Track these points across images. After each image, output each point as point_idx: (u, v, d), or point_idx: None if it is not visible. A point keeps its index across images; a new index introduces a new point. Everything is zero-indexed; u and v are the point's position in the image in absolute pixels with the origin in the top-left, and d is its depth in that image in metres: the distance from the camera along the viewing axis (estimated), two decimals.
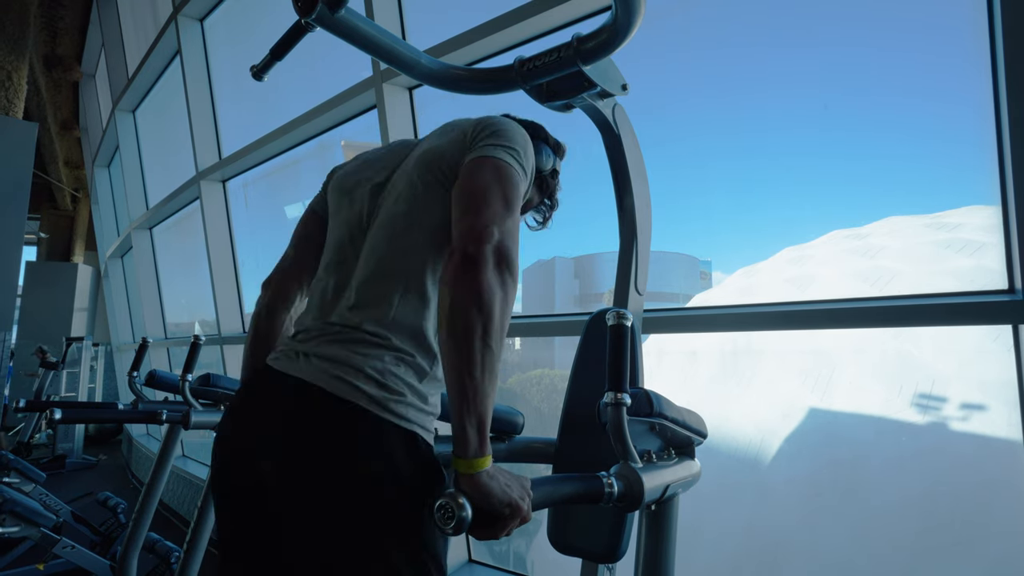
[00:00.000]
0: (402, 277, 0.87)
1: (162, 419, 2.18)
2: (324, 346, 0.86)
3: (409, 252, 0.88)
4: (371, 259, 0.90)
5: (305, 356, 0.86)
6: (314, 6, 0.92)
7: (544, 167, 1.16)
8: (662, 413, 0.93)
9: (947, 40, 1.93)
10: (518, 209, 0.84)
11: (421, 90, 2.73)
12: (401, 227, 0.90)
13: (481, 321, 0.72)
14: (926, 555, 1.98)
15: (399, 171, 0.98)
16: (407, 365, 0.84)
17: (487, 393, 0.72)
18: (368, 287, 0.88)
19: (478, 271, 0.73)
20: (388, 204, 0.94)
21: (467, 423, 0.71)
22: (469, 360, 0.72)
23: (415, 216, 0.90)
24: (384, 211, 0.94)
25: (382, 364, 0.82)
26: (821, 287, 2.65)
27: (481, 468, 0.70)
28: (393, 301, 0.86)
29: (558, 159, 1.22)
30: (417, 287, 0.87)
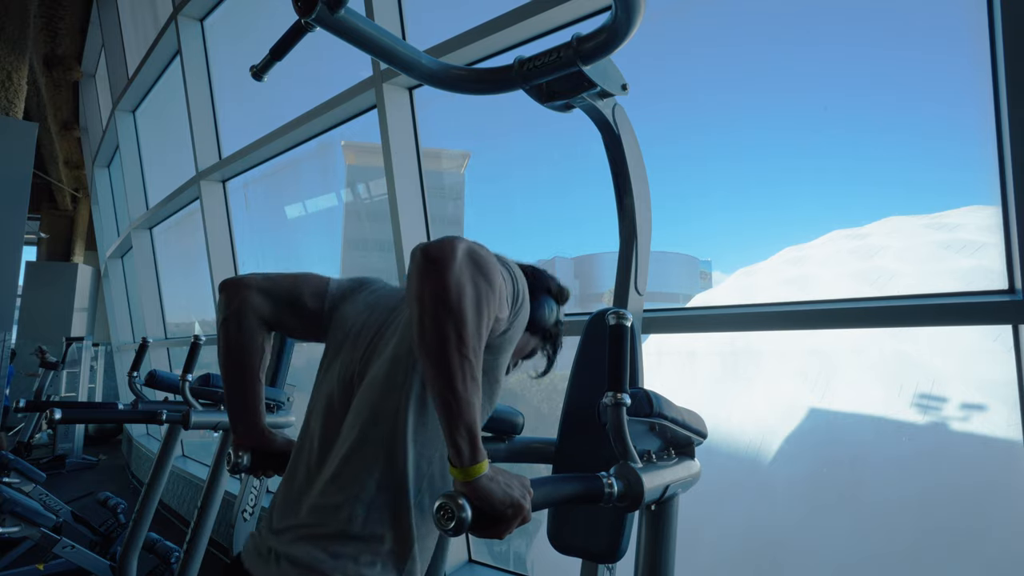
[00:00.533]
0: (383, 443, 0.84)
1: (162, 419, 2.18)
2: (298, 544, 0.82)
3: (392, 417, 0.85)
4: (355, 425, 0.87)
5: (276, 557, 0.83)
6: (314, 6, 0.92)
7: (548, 321, 1.12)
8: (662, 413, 0.93)
9: (947, 40, 1.94)
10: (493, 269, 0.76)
11: (421, 90, 2.73)
12: (383, 390, 0.87)
13: (453, 327, 0.68)
14: (925, 555, 1.98)
15: (393, 326, 0.95)
16: (383, 560, 0.82)
17: (472, 403, 0.70)
18: (349, 459, 0.85)
19: (443, 269, 0.68)
20: (376, 364, 0.91)
21: (457, 436, 0.70)
22: (448, 374, 0.69)
23: (398, 379, 0.86)
24: (371, 371, 0.91)
25: (355, 568, 0.80)
26: (821, 287, 2.66)
27: (479, 474, 0.69)
28: (374, 474, 0.83)
29: (560, 308, 1.17)
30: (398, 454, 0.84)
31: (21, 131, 4.97)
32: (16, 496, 2.81)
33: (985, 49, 1.45)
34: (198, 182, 4.27)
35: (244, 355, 0.99)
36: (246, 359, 1.00)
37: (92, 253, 10.81)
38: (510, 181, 3.57)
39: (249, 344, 0.99)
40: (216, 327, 1.01)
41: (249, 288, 0.98)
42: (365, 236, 4.35)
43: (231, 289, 0.99)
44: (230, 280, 1.00)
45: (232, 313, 0.98)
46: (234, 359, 0.99)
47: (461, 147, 3.58)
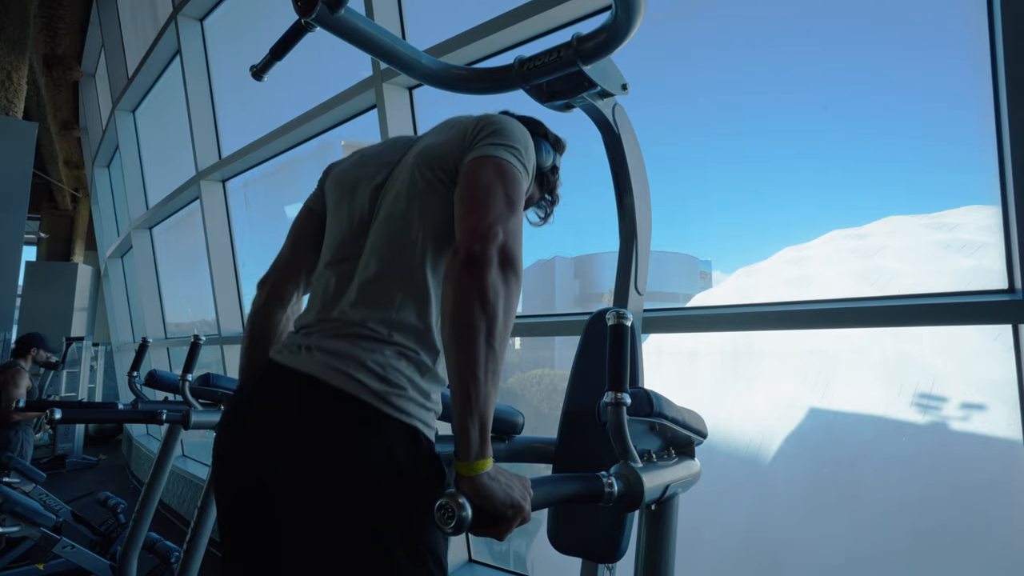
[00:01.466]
0: (403, 274, 0.87)
1: (162, 419, 2.18)
2: (326, 340, 0.86)
3: (410, 249, 0.88)
4: (372, 257, 0.90)
5: (307, 349, 0.86)
6: (314, 6, 0.92)
7: (544, 163, 1.15)
8: (662, 413, 0.93)
9: (947, 40, 1.94)
10: (521, 208, 0.84)
11: (421, 90, 2.73)
12: (401, 224, 0.90)
13: (485, 321, 0.72)
14: (925, 554, 1.98)
15: (399, 168, 0.97)
16: (409, 360, 0.84)
17: (489, 394, 0.72)
18: (370, 285, 0.88)
19: (482, 271, 0.73)
20: (388, 201, 0.94)
21: (469, 424, 0.71)
22: (473, 360, 0.71)
23: (415, 213, 0.90)
24: (385, 208, 0.93)
25: (384, 358, 0.82)
26: (821, 287, 2.65)
27: (482, 470, 0.70)
28: (395, 299, 0.86)
29: (558, 155, 1.21)
30: (419, 283, 0.87)
31: (21, 131, 4.98)
32: (16, 496, 2.81)
33: (985, 50, 1.45)
34: (198, 182, 4.27)
35: (264, 349, 1.02)
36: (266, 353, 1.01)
37: (92, 253, 10.81)
38: None
39: (270, 339, 1.04)
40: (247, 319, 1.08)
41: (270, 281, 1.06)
42: None
43: (260, 285, 1.08)
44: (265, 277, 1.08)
45: (259, 307, 1.05)
46: (257, 350, 1.03)
47: None
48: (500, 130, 0.90)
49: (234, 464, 0.87)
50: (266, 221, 4.71)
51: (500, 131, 0.89)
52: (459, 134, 0.92)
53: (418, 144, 0.99)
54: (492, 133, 0.89)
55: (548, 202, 1.27)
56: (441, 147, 0.93)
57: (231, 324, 4.22)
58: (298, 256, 1.07)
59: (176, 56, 4.65)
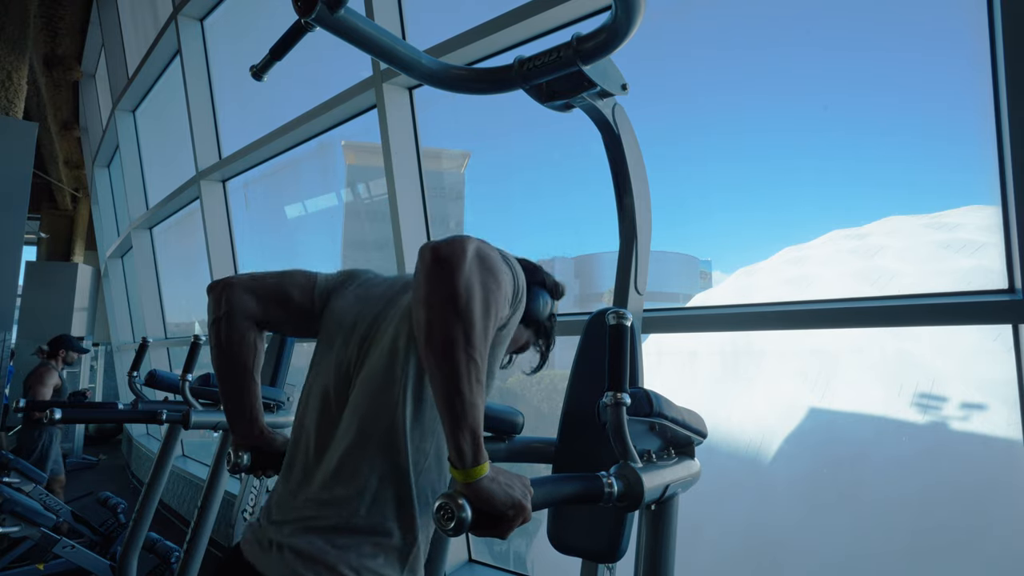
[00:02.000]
0: (383, 437, 0.84)
1: (162, 419, 2.18)
2: (298, 536, 0.82)
3: (391, 410, 0.85)
4: (353, 418, 0.87)
5: (278, 548, 0.82)
6: (314, 6, 0.91)
7: (542, 314, 1.11)
8: (662, 413, 0.93)
9: (947, 40, 1.94)
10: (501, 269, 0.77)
11: (421, 90, 2.73)
12: (381, 384, 0.87)
13: (462, 330, 0.68)
14: (925, 554, 1.98)
15: (389, 319, 0.94)
16: (386, 553, 0.82)
17: (476, 404, 0.70)
18: (349, 454, 0.84)
19: (454, 271, 0.68)
20: (373, 357, 0.90)
21: (460, 439, 0.69)
22: (455, 376, 0.68)
23: (396, 372, 0.86)
24: (368, 364, 0.90)
25: (358, 559, 0.79)
26: (821, 287, 2.65)
27: (480, 476, 0.69)
28: (375, 467, 0.83)
29: (555, 303, 1.17)
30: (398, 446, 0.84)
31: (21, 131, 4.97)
32: (16, 496, 2.81)
33: (985, 50, 1.45)
34: (198, 182, 4.27)
35: (236, 356, 0.99)
36: (239, 359, 0.99)
37: (92, 253, 10.81)
38: (510, 181, 3.57)
39: (240, 344, 0.98)
40: (207, 329, 1.01)
41: (235, 288, 0.98)
42: (365, 236, 4.35)
43: (218, 291, 0.98)
44: (217, 282, 0.99)
45: (222, 315, 0.97)
46: (227, 360, 0.99)
47: (461, 147, 3.58)
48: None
49: None
50: (266, 221, 4.71)
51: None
52: None
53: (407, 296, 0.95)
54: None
55: (544, 348, 1.21)
56: None
57: None
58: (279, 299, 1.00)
59: (176, 56, 4.65)
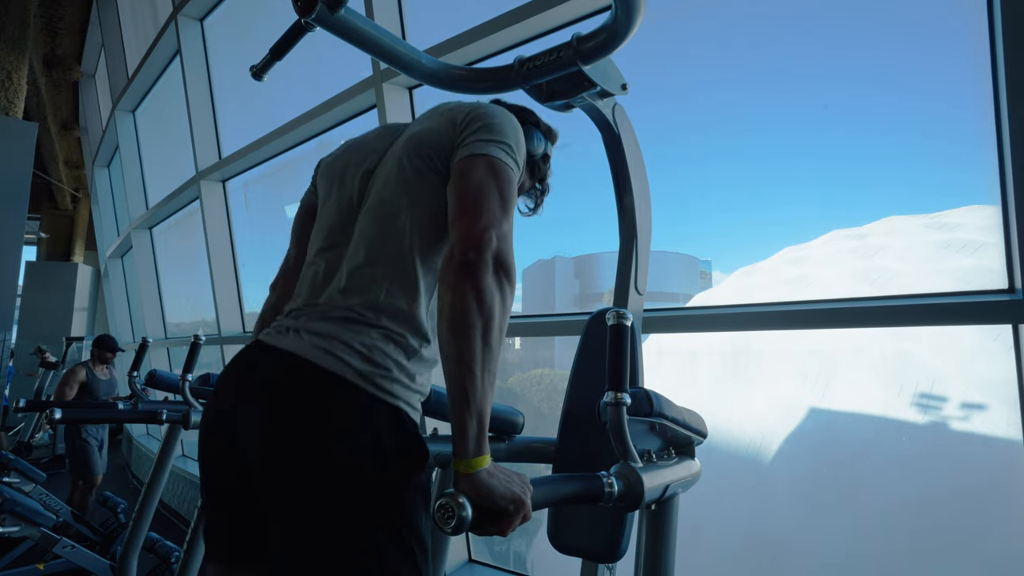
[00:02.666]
0: (392, 261, 0.88)
1: (162, 419, 2.18)
2: (314, 322, 0.86)
3: (398, 236, 0.89)
4: (361, 244, 0.90)
5: (295, 331, 0.86)
6: (314, 6, 0.92)
7: (535, 152, 1.15)
8: (662, 413, 0.93)
9: (947, 40, 1.94)
10: (513, 207, 0.85)
11: (421, 90, 2.73)
12: (390, 211, 0.90)
13: (481, 321, 0.73)
14: (925, 554, 1.98)
15: (388, 155, 0.97)
16: (395, 344, 0.85)
17: (486, 392, 0.73)
18: (358, 272, 0.88)
19: (478, 276, 0.74)
20: (377, 188, 0.94)
21: (467, 421, 0.71)
22: (470, 357, 0.72)
23: (404, 201, 0.90)
24: (373, 196, 0.94)
25: (370, 340, 0.83)
26: (821, 287, 2.65)
27: (480, 467, 0.70)
28: (383, 285, 0.87)
29: (549, 144, 1.20)
30: (407, 270, 0.88)
31: (21, 131, 4.97)
32: (16, 496, 2.81)
33: (985, 49, 1.45)
34: (198, 182, 4.27)
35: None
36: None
37: (92, 253, 10.81)
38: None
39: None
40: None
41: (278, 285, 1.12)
42: None
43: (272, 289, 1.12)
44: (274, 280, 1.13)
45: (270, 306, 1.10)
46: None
47: None
48: (491, 124, 0.89)
49: (218, 439, 0.88)
50: (266, 221, 4.71)
51: (491, 126, 0.89)
52: (449, 123, 0.92)
53: (407, 131, 0.99)
54: (483, 127, 0.89)
55: (539, 191, 1.26)
56: (430, 134, 0.93)
57: (231, 324, 4.22)
58: (303, 254, 1.07)
59: (176, 56, 4.65)
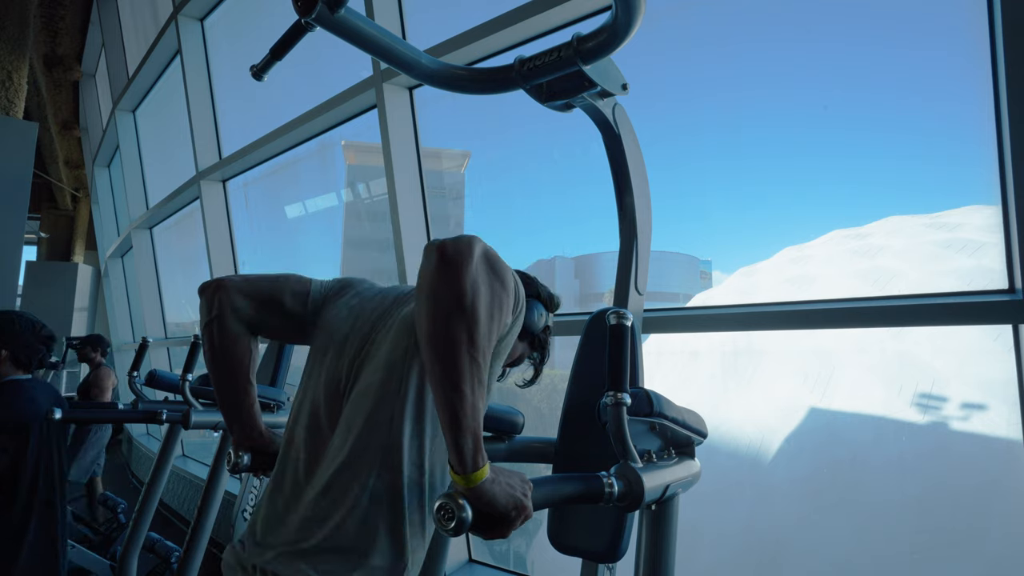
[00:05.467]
0: (377, 455, 0.82)
1: (162, 419, 2.18)
2: (282, 561, 0.80)
3: (385, 427, 0.83)
4: (347, 435, 0.85)
5: (261, 573, 0.81)
6: (314, 6, 0.91)
7: (536, 326, 1.11)
8: (662, 413, 0.93)
9: (947, 39, 1.93)
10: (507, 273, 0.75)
11: (421, 90, 2.73)
12: (377, 399, 0.85)
13: (466, 329, 0.66)
14: (925, 554, 1.98)
15: (383, 332, 0.92)
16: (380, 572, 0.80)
17: (477, 406, 0.68)
18: (341, 471, 0.82)
19: (460, 268, 0.66)
20: (367, 372, 0.88)
21: (461, 441, 0.67)
22: (456, 376, 0.67)
23: (392, 387, 0.84)
24: (362, 380, 0.88)
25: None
26: (821, 287, 2.65)
27: (481, 479, 0.68)
28: (367, 486, 0.81)
29: (550, 315, 1.17)
30: (393, 464, 0.82)
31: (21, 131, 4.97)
32: None
33: (985, 48, 1.45)
34: (198, 182, 4.27)
35: (230, 358, 0.98)
36: (232, 361, 0.98)
37: (92, 253, 10.81)
38: (510, 181, 3.57)
39: (233, 346, 0.97)
40: (200, 331, 1.00)
41: (228, 290, 0.96)
42: (365, 236, 4.35)
43: (210, 292, 0.97)
44: (209, 283, 0.98)
45: (214, 317, 0.96)
46: (220, 362, 0.98)
47: (461, 147, 3.58)
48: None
49: None
50: (266, 221, 4.71)
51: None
52: None
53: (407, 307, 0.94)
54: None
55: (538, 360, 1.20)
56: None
57: None
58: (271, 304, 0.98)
59: (176, 56, 4.65)
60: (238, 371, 0.99)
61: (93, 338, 4.47)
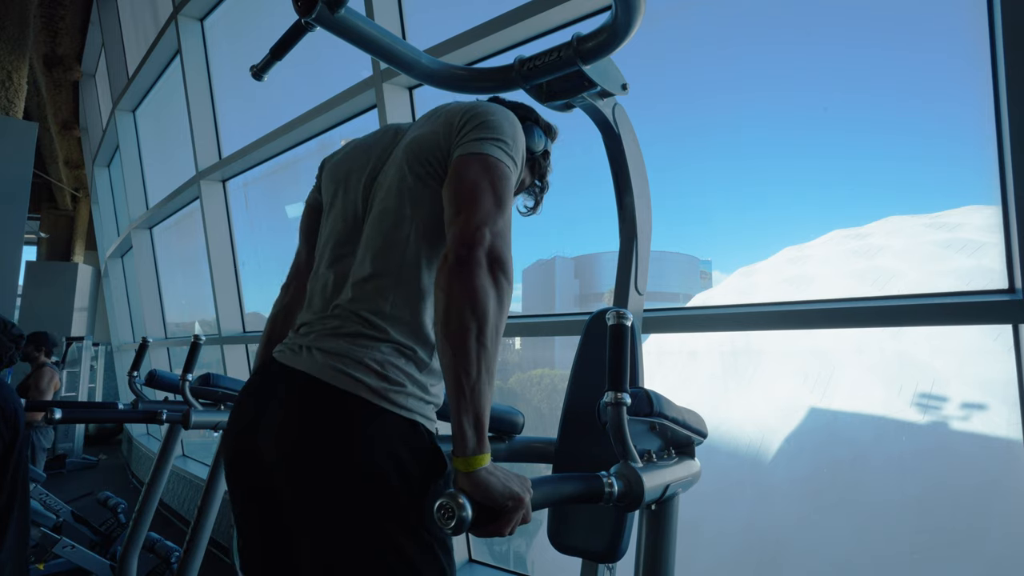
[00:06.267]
0: (396, 271, 0.89)
1: (162, 419, 2.18)
2: (325, 339, 0.88)
3: (402, 245, 0.89)
4: (367, 255, 0.91)
5: (308, 350, 0.88)
6: (314, 6, 0.91)
7: (535, 148, 1.15)
8: (662, 413, 0.93)
9: (947, 42, 1.94)
10: (510, 205, 0.85)
11: (421, 90, 2.73)
12: (393, 221, 0.91)
13: (475, 322, 0.73)
14: (925, 554, 1.98)
15: (389, 161, 0.98)
16: (406, 357, 0.86)
17: (484, 392, 0.73)
18: (365, 283, 0.89)
19: (471, 275, 0.75)
20: (380, 197, 0.95)
21: (465, 421, 0.72)
22: (465, 360, 0.73)
23: (406, 210, 0.91)
24: (376, 205, 0.94)
25: (381, 355, 0.84)
26: (821, 287, 2.66)
27: (480, 465, 0.71)
28: (389, 296, 0.88)
29: (549, 140, 1.21)
30: (412, 280, 0.89)
31: (21, 131, 4.97)
32: None
33: (985, 48, 1.45)
34: (198, 182, 4.27)
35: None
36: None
37: (92, 253, 10.81)
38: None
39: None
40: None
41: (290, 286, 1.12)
42: None
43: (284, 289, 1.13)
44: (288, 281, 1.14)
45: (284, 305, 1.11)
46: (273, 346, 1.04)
47: None
48: (487, 122, 0.88)
49: (241, 466, 0.90)
50: (266, 221, 4.71)
51: (487, 123, 0.88)
52: (446, 125, 0.92)
53: (408, 135, 1.00)
54: (479, 126, 0.88)
55: (539, 188, 1.26)
56: (428, 139, 0.92)
57: (231, 324, 4.22)
58: (312, 251, 1.08)
59: (176, 56, 4.65)
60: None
61: (37, 336, 4.29)
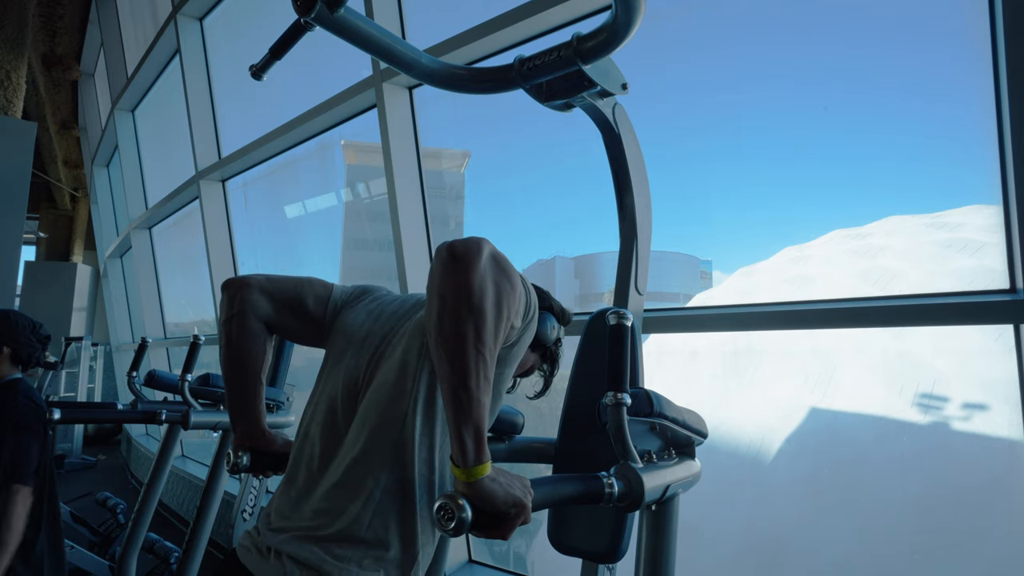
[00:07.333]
0: (390, 450, 0.84)
1: (161, 419, 2.18)
2: (297, 544, 0.81)
3: (397, 422, 0.85)
4: (362, 430, 0.86)
5: (276, 555, 0.82)
6: (313, 5, 0.91)
7: (549, 338, 1.12)
8: (662, 413, 0.93)
9: (948, 40, 1.93)
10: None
11: (421, 90, 2.73)
12: (390, 396, 0.86)
13: (472, 324, 0.68)
14: (926, 554, 1.98)
15: (400, 333, 0.94)
16: (386, 567, 0.81)
17: (482, 401, 0.70)
18: (355, 465, 0.84)
19: (468, 266, 0.69)
20: (383, 371, 0.90)
21: (464, 434, 0.69)
22: (463, 371, 0.68)
23: (405, 385, 0.86)
24: (378, 378, 0.90)
25: (357, 571, 0.79)
26: (821, 287, 2.65)
27: (481, 475, 0.69)
28: (380, 480, 0.82)
29: (562, 328, 1.18)
30: (404, 460, 0.84)
31: (20, 130, 4.96)
32: None
33: (986, 48, 1.45)
34: (197, 182, 4.26)
35: (246, 356, 0.99)
36: (248, 359, 0.99)
37: (91, 253, 10.80)
38: (510, 181, 3.57)
39: (251, 345, 0.99)
40: (218, 327, 1.01)
41: (251, 288, 0.98)
42: (365, 236, 4.35)
43: (233, 289, 0.98)
44: (233, 280, 1.00)
45: (235, 314, 0.97)
46: (236, 359, 0.99)
47: (461, 147, 3.58)
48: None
49: None
50: (266, 221, 4.71)
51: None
52: None
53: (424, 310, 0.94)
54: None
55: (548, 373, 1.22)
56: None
57: None
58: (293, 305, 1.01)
59: (175, 55, 4.65)
60: (251, 369, 1.00)
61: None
